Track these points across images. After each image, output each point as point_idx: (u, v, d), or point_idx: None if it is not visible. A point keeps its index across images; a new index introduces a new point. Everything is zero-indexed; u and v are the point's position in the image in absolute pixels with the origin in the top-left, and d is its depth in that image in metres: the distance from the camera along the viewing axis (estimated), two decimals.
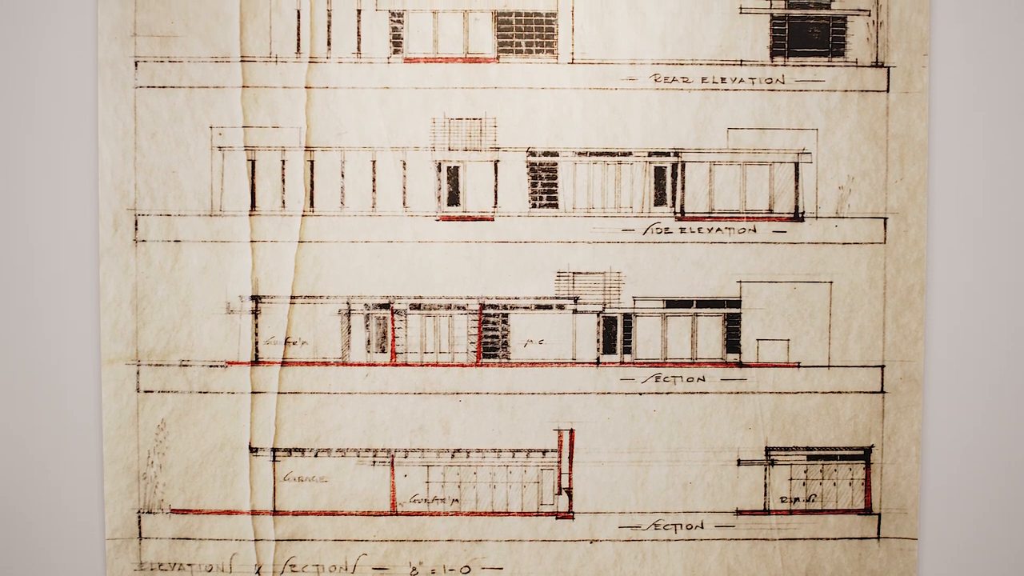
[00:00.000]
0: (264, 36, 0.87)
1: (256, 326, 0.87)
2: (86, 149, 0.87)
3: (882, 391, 0.88)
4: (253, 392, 0.87)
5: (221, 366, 0.87)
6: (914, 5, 0.87)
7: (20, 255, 0.88)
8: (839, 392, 0.88)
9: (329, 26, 0.87)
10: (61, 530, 0.88)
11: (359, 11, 0.87)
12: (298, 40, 0.87)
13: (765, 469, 0.88)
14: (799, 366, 0.88)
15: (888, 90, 0.88)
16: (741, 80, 0.87)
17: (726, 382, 0.88)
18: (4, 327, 0.88)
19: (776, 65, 0.88)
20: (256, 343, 0.87)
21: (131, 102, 0.87)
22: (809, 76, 0.88)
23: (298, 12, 0.87)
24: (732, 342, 0.88)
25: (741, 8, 0.87)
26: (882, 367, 0.88)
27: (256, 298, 0.87)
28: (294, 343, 0.87)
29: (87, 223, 0.87)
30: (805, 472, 0.89)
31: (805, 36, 0.88)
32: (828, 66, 0.88)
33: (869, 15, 0.88)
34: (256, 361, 0.87)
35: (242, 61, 0.87)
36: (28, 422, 0.88)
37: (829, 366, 0.88)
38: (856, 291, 0.88)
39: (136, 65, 0.86)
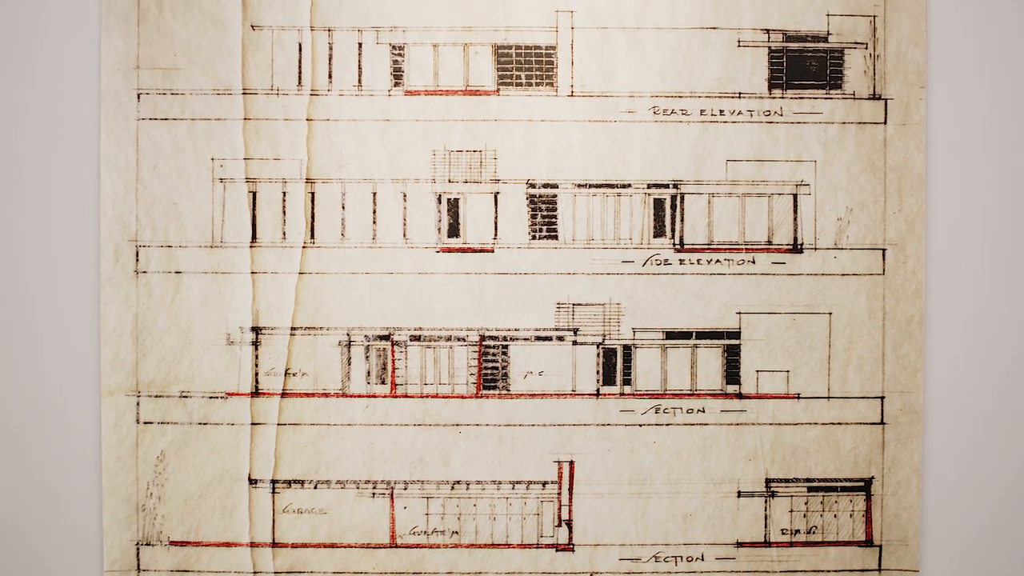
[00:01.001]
0: (266, 69, 0.87)
1: (256, 357, 0.87)
2: (88, 180, 0.88)
3: (882, 422, 0.88)
4: (253, 423, 0.87)
5: (221, 397, 0.87)
6: (911, 38, 0.88)
7: (21, 285, 0.88)
8: (839, 423, 0.88)
9: (330, 59, 0.87)
10: (60, 562, 0.88)
11: (360, 44, 0.88)
12: (299, 73, 0.87)
13: (765, 501, 0.88)
14: (799, 397, 0.88)
15: (886, 122, 0.88)
16: (739, 112, 0.88)
17: (726, 413, 0.88)
18: (5, 357, 0.88)
19: (774, 97, 0.88)
20: (256, 374, 0.87)
21: (133, 134, 0.87)
22: (807, 108, 0.88)
23: (299, 45, 0.87)
24: (732, 373, 0.88)
25: (739, 41, 0.88)
26: (882, 398, 0.88)
27: (256, 329, 0.87)
28: (294, 374, 0.87)
29: (88, 254, 0.88)
30: (806, 504, 0.88)
31: (803, 69, 0.88)
32: (826, 98, 0.88)
33: (866, 48, 0.88)
34: (256, 392, 0.87)
35: (244, 94, 0.87)
36: (27, 453, 0.88)
37: (829, 397, 0.88)
38: (855, 322, 0.88)
39: (139, 97, 0.87)
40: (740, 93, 0.88)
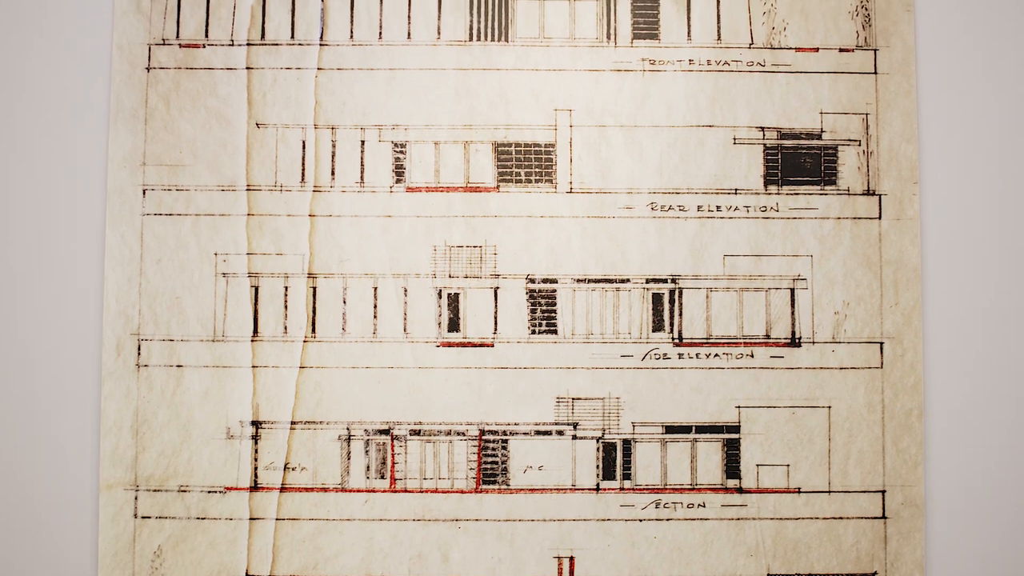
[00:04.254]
0: (270, 166, 0.89)
1: (256, 451, 0.87)
2: (92, 274, 0.88)
3: (883, 516, 0.88)
4: (251, 518, 0.87)
5: (220, 492, 0.87)
6: (903, 135, 0.90)
7: (24, 377, 0.88)
8: (840, 518, 0.88)
9: (333, 156, 0.89)
10: None
11: (363, 142, 0.89)
12: (303, 170, 0.89)
13: None
14: (799, 491, 0.88)
15: (880, 217, 0.90)
16: (736, 208, 0.89)
17: (727, 508, 0.88)
18: (5, 449, 0.88)
19: (770, 193, 0.90)
20: (255, 469, 0.87)
21: (138, 229, 0.88)
22: (803, 204, 0.90)
23: (303, 143, 0.89)
24: (732, 468, 0.88)
25: (735, 139, 0.90)
26: (883, 492, 0.88)
27: (256, 423, 0.87)
28: (293, 469, 0.87)
29: (90, 347, 0.88)
30: None
31: (798, 165, 0.90)
32: (821, 194, 0.90)
33: (860, 145, 0.90)
34: (255, 487, 0.87)
35: (248, 190, 0.89)
36: (24, 546, 0.87)
37: (830, 491, 0.88)
38: (854, 416, 0.88)
39: (144, 193, 0.88)
40: (736, 189, 0.89)
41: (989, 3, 0.92)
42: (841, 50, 0.91)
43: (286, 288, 0.88)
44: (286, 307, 0.88)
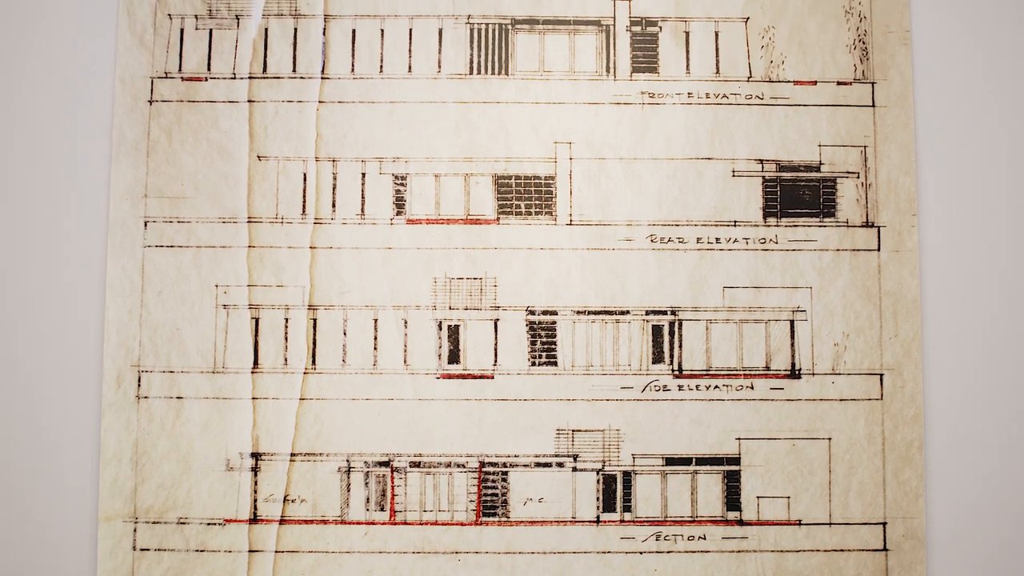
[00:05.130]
0: (271, 198, 0.89)
1: (255, 483, 0.87)
2: (93, 305, 0.89)
3: (885, 549, 0.87)
4: (250, 551, 0.86)
5: (219, 524, 0.87)
6: (901, 167, 0.90)
7: (23, 408, 0.88)
8: (841, 550, 0.87)
9: (334, 189, 0.90)
10: None
11: (363, 175, 0.90)
12: (304, 202, 0.89)
13: None
14: (800, 524, 0.88)
15: (879, 249, 0.90)
16: (735, 240, 0.90)
17: (727, 540, 0.87)
18: (4, 482, 0.88)
19: (769, 225, 0.90)
20: (255, 501, 0.87)
21: (139, 261, 0.89)
22: (801, 236, 0.90)
23: (304, 175, 0.89)
24: (732, 500, 0.88)
25: (734, 171, 0.90)
26: (884, 524, 0.88)
27: (256, 455, 0.87)
28: (293, 501, 0.87)
29: (91, 378, 0.88)
30: None
31: (796, 198, 0.90)
32: (820, 226, 0.90)
33: (858, 177, 0.90)
34: (254, 519, 0.87)
35: (249, 222, 0.89)
36: None
37: (831, 524, 0.88)
38: (855, 447, 0.88)
39: (145, 225, 0.89)
40: (735, 221, 0.90)
41: (985, 36, 0.93)
42: (839, 83, 0.91)
43: (286, 320, 0.88)
44: (286, 339, 0.88)
